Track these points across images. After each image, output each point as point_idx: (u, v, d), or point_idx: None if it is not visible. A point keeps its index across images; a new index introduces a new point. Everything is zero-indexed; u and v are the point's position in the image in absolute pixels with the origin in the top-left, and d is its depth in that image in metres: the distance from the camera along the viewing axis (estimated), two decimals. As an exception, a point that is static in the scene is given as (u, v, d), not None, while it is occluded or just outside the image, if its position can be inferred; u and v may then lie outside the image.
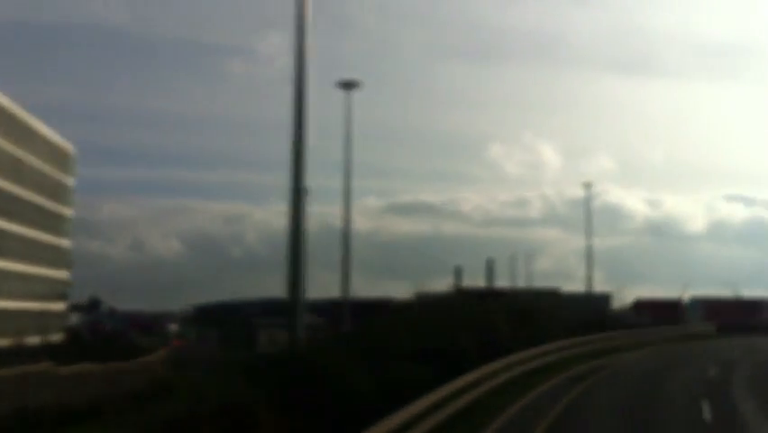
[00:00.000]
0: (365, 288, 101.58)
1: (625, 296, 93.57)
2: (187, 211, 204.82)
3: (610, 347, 51.53)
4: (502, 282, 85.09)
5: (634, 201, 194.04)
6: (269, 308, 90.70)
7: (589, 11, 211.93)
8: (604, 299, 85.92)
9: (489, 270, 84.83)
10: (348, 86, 45.71)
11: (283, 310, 24.64)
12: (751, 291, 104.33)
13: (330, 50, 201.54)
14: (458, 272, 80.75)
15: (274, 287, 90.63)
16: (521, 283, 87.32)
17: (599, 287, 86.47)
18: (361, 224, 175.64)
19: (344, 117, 45.69)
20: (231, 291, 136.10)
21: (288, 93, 23.70)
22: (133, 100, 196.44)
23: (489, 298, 73.93)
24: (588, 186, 73.26)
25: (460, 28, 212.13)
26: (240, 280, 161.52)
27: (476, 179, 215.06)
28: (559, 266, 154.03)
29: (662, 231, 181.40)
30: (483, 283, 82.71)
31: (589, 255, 72.05)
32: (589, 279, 72.22)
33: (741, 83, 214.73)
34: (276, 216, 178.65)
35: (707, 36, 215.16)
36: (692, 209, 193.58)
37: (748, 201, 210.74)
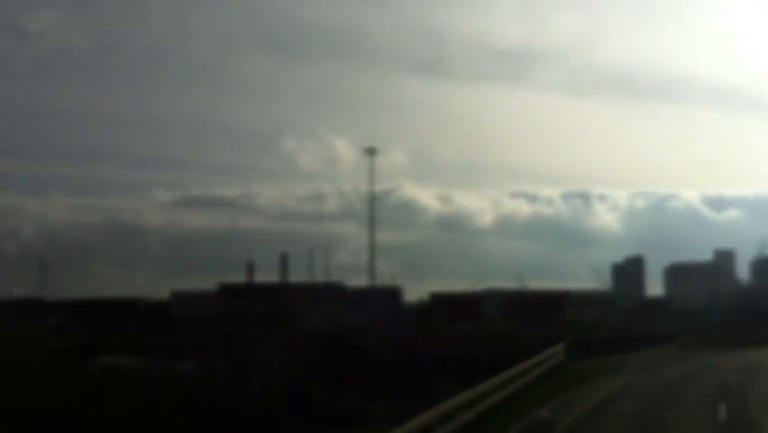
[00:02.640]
0: (159, 286, 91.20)
1: (420, 289, 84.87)
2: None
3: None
4: (300, 277, 79.45)
5: (427, 197, 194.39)
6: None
7: (387, 11, 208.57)
8: (394, 293, 74.85)
9: (283, 264, 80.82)
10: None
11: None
12: (535, 283, 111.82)
13: (125, 35, 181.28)
14: (250, 268, 73.14)
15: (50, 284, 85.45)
16: (319, 278, 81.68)
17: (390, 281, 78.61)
18: (151, 217, 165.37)
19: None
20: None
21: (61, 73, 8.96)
22: None
23: (254, 297, 61.84)
24: (370, 151, 63.11)
25: (258, 20, 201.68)
26: (13, 276, 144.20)
27: (271, 173, 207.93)
28: (356, 260, 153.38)
29: (453, 226, 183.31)
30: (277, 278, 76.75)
31: (372, 247, 61.23)
32: (373, 272, 61.27)
33: (528, 87, 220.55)
34: (56, 209, 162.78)
35: (498, 41, 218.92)
36: (480, 205, 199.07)
37: (531, 198, 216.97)
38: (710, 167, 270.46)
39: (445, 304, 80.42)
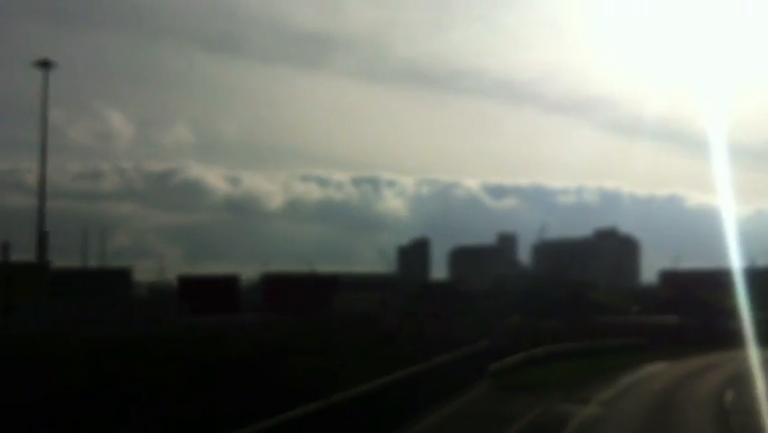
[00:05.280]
0: None
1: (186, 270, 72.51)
2: None
3: None
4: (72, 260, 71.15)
5: (214, 177, 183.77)
6: None
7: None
8: (120, 276, 60.37)
9: (41, 244, 66.67)
10: None
11: None
12: (324, 267, 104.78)
13: None
14: (5, 247, 58.60)
15: None
16: (94, 261, 75.11)
17: (177, 265, 67.21)
18: None
19: None
20: None
21: None
22: None
23: None
24: (44, 64, 49.58)
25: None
26: None
27: (38, 147, 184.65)
28: (137, 243, 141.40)
29: (241, 208, 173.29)
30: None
31: (41, 219, 48.11)
32: (41, 249, 47.80)
33: (322, 71, 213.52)
34: None
35: (295, 24, 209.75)
36: (270, 188, 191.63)
37: (321, 181, 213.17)
38: (491, 157, 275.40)
39: (196, 290, 66.72)
